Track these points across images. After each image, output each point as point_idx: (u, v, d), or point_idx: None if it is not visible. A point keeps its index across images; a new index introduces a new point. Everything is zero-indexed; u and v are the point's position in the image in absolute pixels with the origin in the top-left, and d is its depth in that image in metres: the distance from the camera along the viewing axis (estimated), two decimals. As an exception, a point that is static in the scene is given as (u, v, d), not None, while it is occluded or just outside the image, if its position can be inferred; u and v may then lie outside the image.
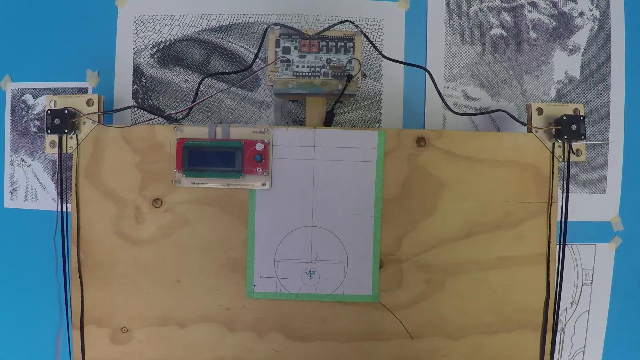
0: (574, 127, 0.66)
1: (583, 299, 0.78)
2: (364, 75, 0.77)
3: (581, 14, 0.79)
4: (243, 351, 0.67)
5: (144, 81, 0.78)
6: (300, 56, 0.67)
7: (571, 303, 0.78)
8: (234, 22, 0.78)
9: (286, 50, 0.67)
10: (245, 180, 0.66)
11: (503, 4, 0.78)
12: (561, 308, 0.76)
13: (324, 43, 0.67)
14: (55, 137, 0.67)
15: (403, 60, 0.76)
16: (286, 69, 0.67)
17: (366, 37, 0.69)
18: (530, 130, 0.68)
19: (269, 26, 0.67)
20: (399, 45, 0.77)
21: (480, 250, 0.67)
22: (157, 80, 0.78)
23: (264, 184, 0.66)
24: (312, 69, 0.67)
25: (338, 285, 0.67)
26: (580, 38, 0.79)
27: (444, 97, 0.70)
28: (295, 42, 0.67)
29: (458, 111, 0.74)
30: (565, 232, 0.68)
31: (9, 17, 0.80)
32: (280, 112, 0.78)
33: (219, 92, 0.77)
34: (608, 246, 0.78)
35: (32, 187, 0.79)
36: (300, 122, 0.77)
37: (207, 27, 0.78)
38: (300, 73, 0.67)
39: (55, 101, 0.67)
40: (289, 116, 0.78)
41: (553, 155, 0.67)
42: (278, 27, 0.67)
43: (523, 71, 0.78)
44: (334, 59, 0.67)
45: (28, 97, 0.79)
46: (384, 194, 0.67)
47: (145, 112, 0.76)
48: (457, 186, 0.67)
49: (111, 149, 0.67)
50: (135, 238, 0.67)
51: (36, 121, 0.79)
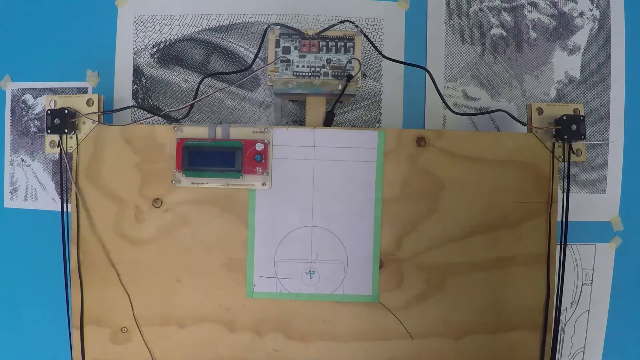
0: (574, 127, 0.66)
1: (583, 299, 0.78)
2: (364, 75, 0.77)
3: (581, 14, 0.79)
4: (243, 351, 0.67)
5: (144, 81, 0.78)
6: (300, 56, 0.67)
7: (571, 303, 0.78)
8: (234, 22, 0.78)
9: (286, 50, 0.67)
10: (245, 180, 0.66)
11: (503, 4, 0.78)
12: (561, 308, 0.76)
13: (324, 43, 0.67)
14: (55, 137, 0.67)
15: (403, 60, 0.76)
16: (286, 69, 0.67)
17: (366, 37, 0.69)
18: (530, 130, 0.68)
19: (269, 26, 0.67)
20: (399, 45, 0.77)
21: (480, 250, 0.67)
22: (157, 80, 0.78)
23: (264, 184, 0.66)
24: (312, 69, 0.67)
25: (338, 285, 0.67)
26: (580, 38, 0.79)
27: (444, 97, 0.70)
28: (295, 42, 0.67)
29: (458, 111, 0.74)
30: (565, 232, 0.68)
31: (9, 17, 0.80)
32: (280, 112, 0.78)
33: (219, 91, 0.77)
34: (608, 246, 0.78)
35: (32, 187, 0.79)
36: (300, 122, 0.77)
37: (207, 27, 0.78)
38: (300, 73, 0.67)
39: (55, 101, 0.67)
40: (289, 116, 0.78)
41: (553, 155, 0.67)
42: (278, 27, 0.67)
43: (523, 71, 0.78)
44: (334, 59, 0.67)
45: (28, 97, 0.79)
46: (384, 194, 0.67)
47: (145, 112, 0.76)
48: (457, 186, 0.67)
49: (111, 149, 0.67)
50: (135, 238, 0.67)
51: (36, 121, 0.79)
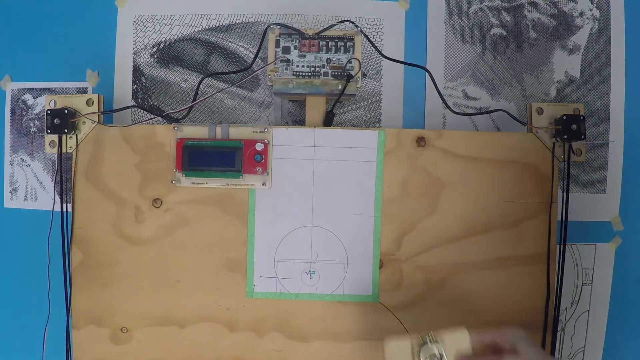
0: (574, 127, 0.66)
1: (583, 299, 0.78)
2: (364, 75, 0.77)
3: (581, 14, 0.79)
4: (243, 351, 0.67)
5: (144, 81, 0.78)
6: (300, 56, 0.67)
7: (571, 303, 0.78)
8: (234, 22, 0.78)
9: (286, 50, 0.67)
10: (245, 180, 0.66)
11: (503, 4, 0.78)
12: (561, 308, 0.76)
13: (324, 43, 0.67)
14: (55, 137, 0.67)
15: (403, 60, 0.76)
16: (286, 69, 0.67)
17: (366, 37, 0.69)
18: (530, 130, 0.68)
19: (269, 26, 0.67)
20: (399, 45, 0.77)
21: (480, 250, 0.67)
22: (157, 80, 0.78)
23: (264, 184, 0.66)
24: (312, 69, 0.67)
25: (338, 285, 0.67)
26: (580, 38, 0.79)
27: (444, 97, 0.70)
28: (295, 42, 0.67)
29: (458, 111, 0.74)
30: (565, 232, 0.68)
31: (9, 17, 0.80)
32: (280, 112, 0.78)
33: (219, 92, 0.77)
34: (608, 246, 0.78)
35: (32, 187, 0.79)
36: (300, 122, 0.77)
37: (207, 27, 0.78)
38: (300, 73, 0.67)
39: (55, 101, 0.67)
40: (289, 116, 0.78)
41: (553, 155, 0.67)
42: (278, 27, 0.67)
43: (523, 71, 0.78)
44: (334, 59, 0.67)
45: (28, 97, 0.79)
46: (384, 194, 0.67)
47: (145, 112, 0.76)
48: (457, 186, 0.67)
49: (111, 149, 0.67)
50: (135, 238, 0.67)
51: (36, 121, 0.79)
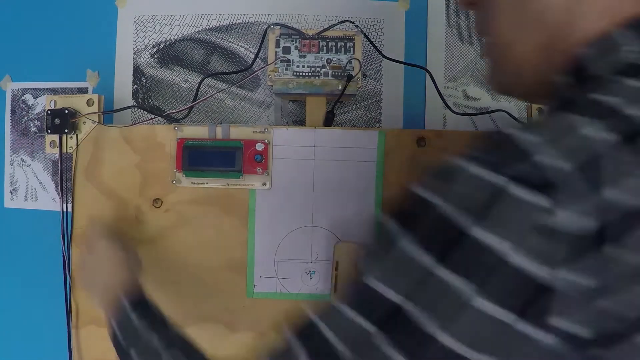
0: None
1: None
2: (364, 75, 0.77)
3: (581, 14, 0.79)
4: (243, 351, 0.67)
5: (144, 81, 0.78)
6: (300, 56, 0.67)
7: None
8: (234, 22, 0.78)
9: (286, 50, 0.67)
10: (245, 180, 0.66)
11: (503, 4, 0.78)
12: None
13: (324, 43, 0.67)
14: (55, 137, 0.67)
15: (403, 60, 0.76)
16: (286, 69, 0.67)
17: (366, 37, 0.69)
18: (530, 130, 0.68)
19: (269, 26, 0.67)
20: (399, 45, 0.77)
21: (480, 250, 0.67)
22: (157, 80, 0.78)
23: (264, 184, 0.66)
24: (312, 69, 0.67)
25: (338, 285, 0.67)
26: (580, 38, 0.79)
27: (444, 97, 0.70)
28: (295, 42, 0.67)
29: (458, 111, 0.74)
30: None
31: (9, 17, 0.80)
32: (280, 112, 0.78)
33: (219, 92, 0.77)
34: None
35: (32, 187, 0.79)
36: (300, 122, 0.77)
37: (207, 27, 0.78)
38: (300, 73, 0.67)
39: (55, 101, 0.67)
40: (289, 116, 0.78)
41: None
42: (278, 27, 0.67)
43: (523, 71, 0.78)
44: (334, 59, 0.67)
45: (28, 97, 0.79)
46: (384, 194, 0.67)
47: (145, 112, 0.76)
48: (457, 186, 0.67)
49: (111, 149, 0.67)
50: (135, 238, 0.67)
51: (36, 121, 0.79)
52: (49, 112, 0.66)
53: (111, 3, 0.78)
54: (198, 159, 0.66)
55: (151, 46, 0.78)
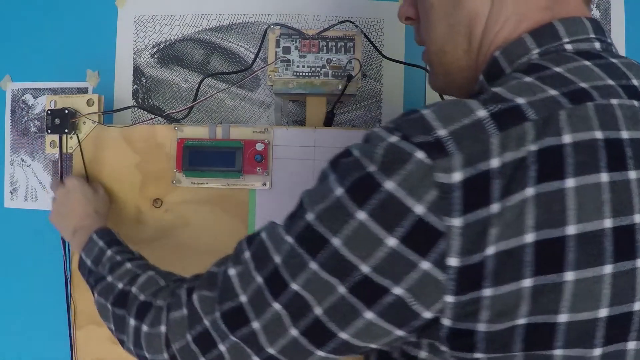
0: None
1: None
2: (364, 75, 0.77)
3: (581, 14, 0.79)
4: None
5: (144, 81, 0.78)
6: (300, 56, 0.67)
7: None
8: (234, 22, 0.78)
9: (286, 50, 0.67)
10: (245, 180, 0.66)
11: (503, 4, 0.78)
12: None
13: (324, 43, 0.67)
14: (55, 137, 0.67)
15: (403, 60, 0.76)
16: (286, 69, 0.67)
17: (366, 37, 0.69)
18: (530, 130, 0.68)
19: (269, 26, 0.67)
20: (399, 45, 0.77)
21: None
22: (157, 80, 0.78)
23: (264, 184, 0.66)
24: (312, 69, 0.67)
25: (338, 285, 0.67)
26: (580, 38, 0.79)
27: (444, 97, 0.70)
28: (295, 42, 0.67)
29: (458, 111, 0.74)
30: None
31: (9, 17, 0.80)
32: (280, 112, 0.78)
33: (219, 92, 0.77)
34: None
35: (32, 187, 0.79)
36: (300, 122, 0.77)
37: (207, 27, 0.78)
38: (300, 73, 0.67)
39: (55, 101, 0.67)
40: (289, 116, 0.78)
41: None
42: (278, 27, 0.67)
43: (523, 71, 0.78)
44: (334, 59, 0.67)
45: (28, 97, 0.79)
46: (384, 194, 0.67)
47: (145, 112, 0.76)
48: (457, 186, 0.67)
49: (111, 149, 0.67)
50: (135, 238, 0.67)
51: (36, 121, 0.79)
52: (49, 112, 0.66)
53: (111, 3, 0.78)
54: (198, 159, 0.66)
55: (151, 46, 0.78)
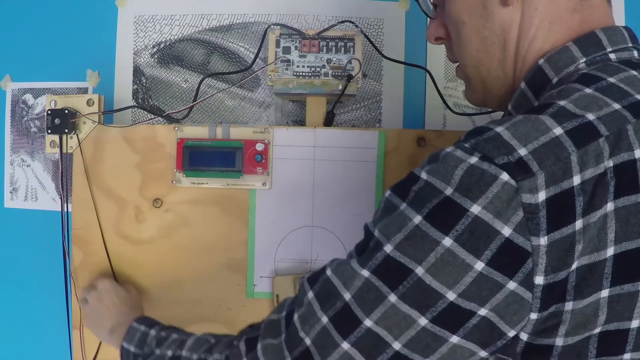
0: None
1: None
2: (364, 75, 0.77)
3: (581, 14, 0.79)
4: (243, 351, 0.67)
5: (144, 81, 0.78)
6: (300, 56, 0.67)
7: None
8: (234, 22, 0.78)
9: (286, 50, 0.67)
10: (245, 180, 0.66)
11: (503, 4, 0.78)
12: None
13: (324, 43, 0.67)
14: (55, 137, 0.67)
15: (403, 60, 0.76)
16: (286, 69, 0.67)
17: (366, 37, 0.69)
18: (530, 130, 0.68)
19: (269, 26, 0.67)
20: (399, 45, 0.77)
21: (480, 250, 0.67)
22: (157, 80, 0.78)
23: (264, 184, 0.66)
24: (313, 69, 0.67)
25: (338, 285, 0.67)
26: (580, 38, 0.79)
27: (445, 97, 0.70)
28: (295, 42, 0.67)
29: (458, 111, 0.74)
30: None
31: (9, 17, 0.80)
32: (280, 112, 0.78)
33: (219, 92, 0.77)
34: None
35: (32, 187, 0.79)
36: (300, 122, 0.77)
37: (207, 27, 0.78)
38: (300, 73, 0.67)
39: (55, 101, 0.67)
40: (289, 116, 0.78)
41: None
42: (278, 27, 0.67)
43: (523, 71, 0.78)
44: (334, 59, 0.67)
45: (28, 97, 0.79)
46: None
47: (145, 112, 0.76)
48: (457, 186, 0.67)
49: (111, 149, 0.67)
50: (135, 238, 0.67)
51: (36, 121, 0.79)
52: (49, 112, 0.66)
53: (111, 3, 0.78)
54: (198, 159, 0.66)
55: (151, 46, 0.78)
